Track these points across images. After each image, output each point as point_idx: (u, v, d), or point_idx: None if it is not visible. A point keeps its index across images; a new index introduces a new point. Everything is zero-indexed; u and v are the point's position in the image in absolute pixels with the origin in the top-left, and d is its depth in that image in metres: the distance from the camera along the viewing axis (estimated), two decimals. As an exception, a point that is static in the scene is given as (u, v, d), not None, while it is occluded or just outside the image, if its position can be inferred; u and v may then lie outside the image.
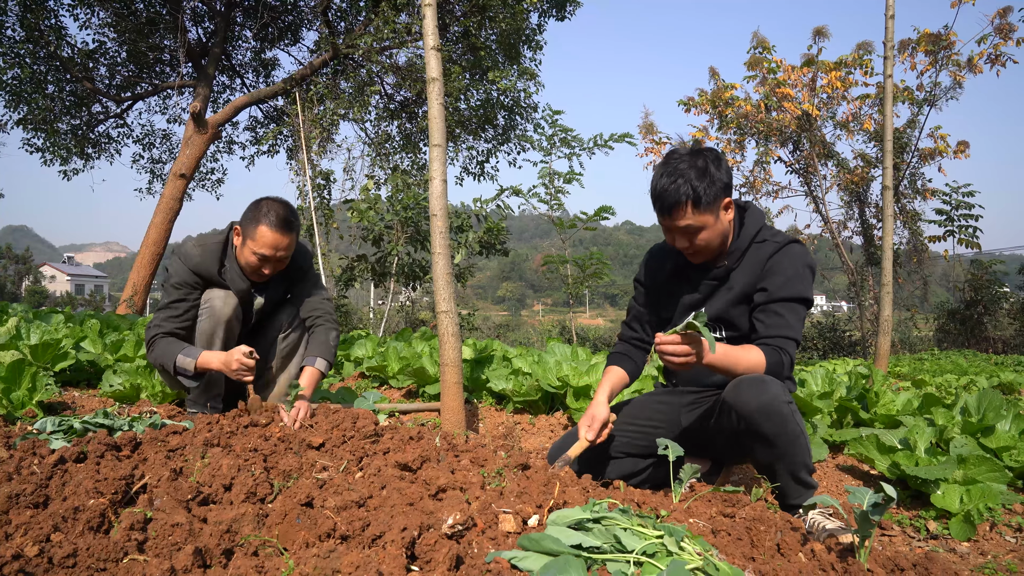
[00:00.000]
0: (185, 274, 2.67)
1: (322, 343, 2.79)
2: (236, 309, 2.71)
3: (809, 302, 2.10)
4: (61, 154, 12.92)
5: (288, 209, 2.62)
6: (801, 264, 2.10)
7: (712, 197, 2.01)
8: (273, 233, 2.56)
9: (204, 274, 2.68)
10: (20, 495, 1.56)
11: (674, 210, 2.02)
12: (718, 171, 2.02)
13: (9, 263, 55.83)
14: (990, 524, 2.40)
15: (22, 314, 5.01)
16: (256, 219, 2.57)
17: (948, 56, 11.92)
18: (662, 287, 2.36)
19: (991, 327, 13.82)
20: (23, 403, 2.89)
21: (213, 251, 2.69)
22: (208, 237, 2.76)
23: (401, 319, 12.57)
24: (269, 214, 2.57)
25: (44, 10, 11.01)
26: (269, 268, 2.65)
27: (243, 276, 2.71)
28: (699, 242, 2.08)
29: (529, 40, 11.95)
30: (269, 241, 2.56)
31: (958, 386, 5.70)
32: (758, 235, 2.17)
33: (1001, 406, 2.96)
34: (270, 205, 2.60)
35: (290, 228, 2.60)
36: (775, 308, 2.08)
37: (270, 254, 2.58)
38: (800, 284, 2.08)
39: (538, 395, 3.68)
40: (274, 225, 2.55)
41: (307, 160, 9.88)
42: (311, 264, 2.97)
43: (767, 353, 2.02)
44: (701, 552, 1.33)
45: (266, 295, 2.85)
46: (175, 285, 2.67)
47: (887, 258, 6.03)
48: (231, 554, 1.40)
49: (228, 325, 2.70)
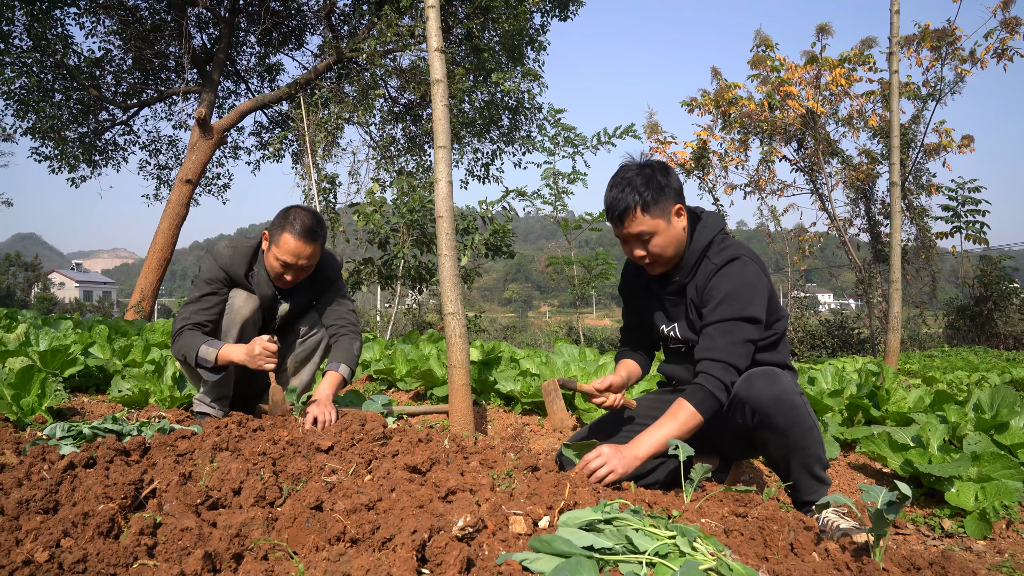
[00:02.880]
0: (215, 271, 2.72)
1: (346, 350, 2.80)
2: (255, 311, 2.74)
3: (750, 319, 2.03)
4: (69, 162, 13.01)
5: (315, 219, 2.64)
6: (739, 282, 2.05)
7: (660, 201, 2.05)
8: (296, 241, 2.58)
9: (232, 274, 2.74)
10: (30, 501, 1.56)
11: (625, 217, 2.07)
12: (665, 179, 2.08)
13: (18, 270, 56.21)
14: (1006, 522, 2.37)
15: (31, 321, 5.03)
16: (282, 226, 2.61)
17: (952, 52, 11.86)
18: (640, 302, 2.40)
19: (1001, 323, 13.71)
20: (33, 409, 2.90)
21: (243, 253, 2.75)
22: (242, 240, 2.81)
23: (408, 322, 12.59)
24: (295, 222, 2.59)
25: (50, 19, 11.09)
26: (291, 275, 2.67)
27: (269, 282, 2.75)
28: (653, 249, 2.10)
29: (532, 41, 11.95)
30: (292, 248, 2.59)
31: (969, 383, 5.66)
32: (708, 249, 2.15)
33: (1015, 402, 2.94)
34: (297, 213, 2.62)
35: (314, 237, 2.62)
36: (707, 331, 2.07)
37: (292, 261, 2.61)
38: (736, 303, 2.03)
39: (546, 396, 3.67)
40: (298, 233, 2.58)
41: (312, 164, 9.91)
42: (339, 275, 2.98)
43: (691, 396, 2.01)
44: (714, 552, 1.32)
45: (291, 302, 2.87)
46: (206, 280, 2.72)
47: (896, 255, 5.99)
48: (241, 558, 1.39)
49: (244, 325, 2.72)
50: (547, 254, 11.06)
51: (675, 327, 2.26)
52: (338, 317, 2.90)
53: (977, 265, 14.43)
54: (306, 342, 2.92)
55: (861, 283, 13.44)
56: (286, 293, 2.85)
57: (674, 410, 2.02)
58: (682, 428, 1.98)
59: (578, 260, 8.65)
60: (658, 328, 2.34)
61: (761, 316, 2.06)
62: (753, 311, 2.04)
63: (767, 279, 2.12)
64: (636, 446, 1.97)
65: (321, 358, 2.99)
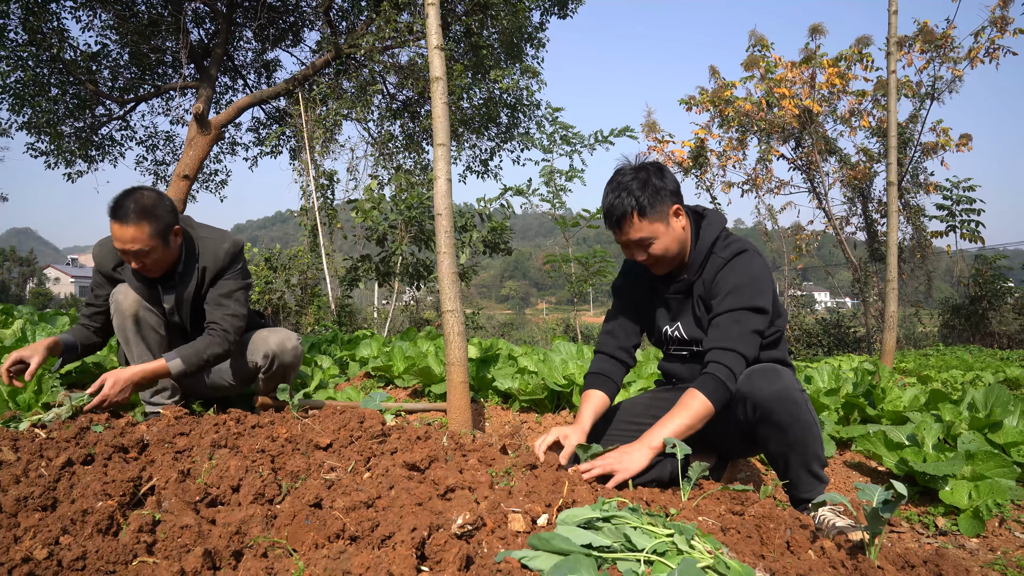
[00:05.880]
0: (93, 273, 2.78)
1: (191, 346, 2.62)
2: (139, 302, 2.64)
3: (758, 309, 2.05)
4: (65, 157, 12.94)
5: (135, 198, 2.45)
6: (746, 275, 2.08)
7: (657, 205, 2.05)
8: (113, 224, 2.43)
9: (102, 270, 2.74)
10: (28, 498, 1.57)
11: (623, 223, 2.07)
12: (661, 181, 2.07)
13: (13, 265, 56.03)
14: (999, 520, 2.39)
15: (27, 316, 5.02)
16: (109, 213, 2.46)
17: (945, 53, 11.90)
18: (641, 300, 2.38)
19: (996, 322, 13.78)
20: (29, 405, 2.90)
21: (110, 248, 2.69)
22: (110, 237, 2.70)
23: (406, 318, 12.59)
24: (113, 205, 2.44)
25: (46, 13, 11.02)
26: (135, 262, 2.53)
27: (137, 273, 2.65)
28: (655, 252, 2.10)
29: (531, 38, 11.93)
30: (115, 233, 2.45)
31: (964, 381, 5.68)
32: (714, 245, 2.17)
33: (1008, 401, 2.95)
34: (117, 197, 2.45)
35: (132, 217, 2.41)
36: (716, 321, 2.08)
37: (120, 247, 2.47)
38: (744, 293, 2.06)
39: (544, 394, 3.68)
40: (114, 217, 2.43)
41: (310, 160, 9.89)
42: (224, 268, 2.75)
43: (703, 386, 2.00)
44: (712, 550, 1.33)
45: (175, 295, 2.74)
46: (91, 286, 2.78)
47: (892, 254, 6.01)
48: (240, 556, 1.40)
49: (136, 319, 2.64)
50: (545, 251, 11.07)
51: (679, 326, 2.26)
52: (211, 320, 2.71)
53: (972, 264, 14.49)
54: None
55: (857, 282, 13.47)
56: (168, 286, 2.73)
57: (685, 400, 2.01)
58: (695, 418, 1.97)
59: (576, 257, 8.66)
60: (659, 328, 2.33)
61: (768, 307, 2.08)
62: (761, 302, 2.06)
63: (770, 274, 2.15)
64: (648, 439, 1.97)
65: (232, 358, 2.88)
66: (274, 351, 2.85)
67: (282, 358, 2.87)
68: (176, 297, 2.74)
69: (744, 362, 2.02)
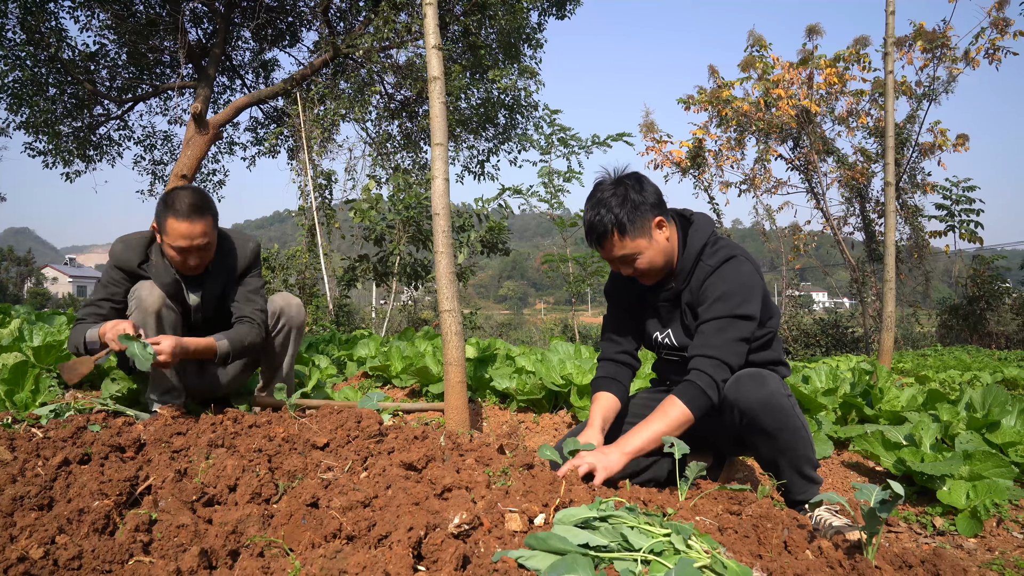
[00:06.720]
0: (111, 270, 2.70)
1: (236, 330, 2.75)
2: (163, 299, 2.65)
3: (744, 316, 2.04)
4: (63, 157, 12.91)
5: (196, 195, 2.55)
6: (734, 282, 2.06)
7: (638, 220, 2.03)
8: (182, 223, 2.50)
9: (125, 268, 2.69)
10: (24, 497, 1.56)
11: (604, 241, 2.07)
12: (640, 194, 2.04)
13: (11, 265, 55.92)
14: (997, 520, 2.39)
15: (25, 316, 5.01)
16: (165, 212, 2.52)
17: (943, 54, 11.92)
18: (632, 306, 2.38)
19: (994, 322, 13.81)
20: (26, 405, 2.89)
21: (134, 246, 2.69)
22: (135, 233, 2.75)
23: (403, 318, 12.58)
24: (175, 204, 2.50)
25: (44, 13, 11.00)
26: (194, 259, 2.61)
27: (170, 270, 2.68)
28: (640, 266, 2.10)
29: (529, 39, 11.93)
30: (182, 231, 2.51)
31: (962, 382, 5.69)
32: (702, 252, 2.15)
33: (1006, 401, 2.96)
34: (176, 195, 2.53)
35: (200, 213, 2.52)
36: (702, 328, 2.07)
37: (186, 245, 2.53)
38: (731, 301, 2.04)
39: (542, 394, 3.68)
40: (183, 215, 2.50)
41: (308, 160, 9.88)
42: (251, 264, 2.89)
43: (682, 393, 1.99)
44: (709, 550, 1.33)
45: (203, 292, 2.79)
46: (104, 283, 2.70)
47: (890, 254, 6.01)
48: (237, 555, 1.39)
49: (159, 316, 2.64)
50: (543, 251, 11.07)
51: (669, 333, 2.26)
52: (242, 314, 2.82)
53: (970, 264, 14.51)
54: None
55: (855, 282, 13.48)
56: (194, 284, 2.78)
57: (664, 407, 2.01)
58: (671, 425, 1.97)
59: (573, 258, 8.66)
60: (651, 335, 2.32)
61: (755, 314, 2.06)
62: (747, 309, 2.04)
63: (760, 278, 2.13)
64: (623, 443, 1.96)
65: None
66: (280, 306, 2.96)
67: (288, 312, 2.97)
68: (204, 294, 2.80)
69: (727, 369, 2.01)
